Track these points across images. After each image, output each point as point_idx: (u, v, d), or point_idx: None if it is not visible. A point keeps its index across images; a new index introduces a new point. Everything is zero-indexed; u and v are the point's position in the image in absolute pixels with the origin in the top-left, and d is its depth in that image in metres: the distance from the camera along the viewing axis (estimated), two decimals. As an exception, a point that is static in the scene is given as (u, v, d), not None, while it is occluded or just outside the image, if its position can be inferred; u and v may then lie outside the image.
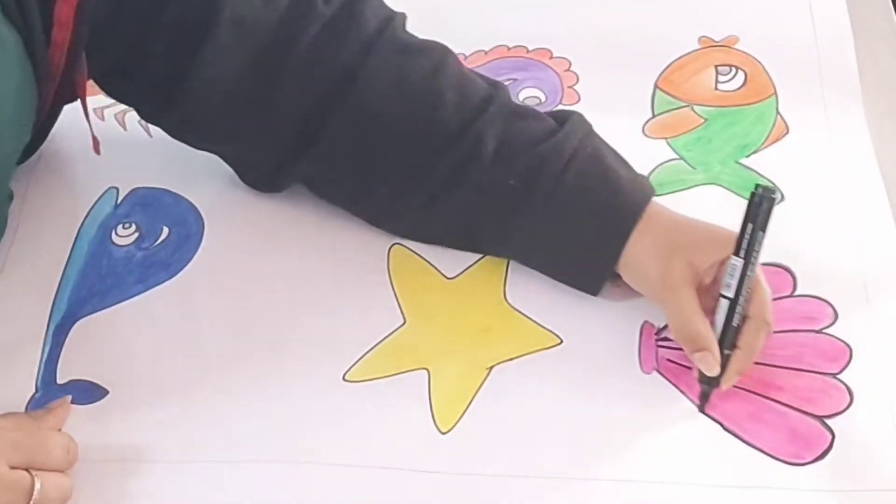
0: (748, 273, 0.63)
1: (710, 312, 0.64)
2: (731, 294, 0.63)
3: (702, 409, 0.64)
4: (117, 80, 0.69)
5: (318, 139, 0.68)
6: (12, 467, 0.57)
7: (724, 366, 0.63)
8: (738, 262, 0.63)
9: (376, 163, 0.69)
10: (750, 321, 0.64)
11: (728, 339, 0.64)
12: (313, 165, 0.70)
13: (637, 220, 0.66)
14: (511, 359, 0.66)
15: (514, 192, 0.67)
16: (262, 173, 0.72)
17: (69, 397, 0.64)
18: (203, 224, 0.73)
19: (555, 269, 0.69)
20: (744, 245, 0.63)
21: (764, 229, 0.63)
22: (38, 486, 0.57)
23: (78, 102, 0.68)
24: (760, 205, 0.63)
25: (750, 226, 0.63)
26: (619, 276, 0.68)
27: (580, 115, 0.70)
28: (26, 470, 0.57)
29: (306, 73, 0.67)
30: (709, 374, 0.63)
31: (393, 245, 0.72)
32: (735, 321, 0.63)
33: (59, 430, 0.62)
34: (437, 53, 0.70)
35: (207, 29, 0.66)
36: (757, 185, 0.64)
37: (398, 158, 0.68)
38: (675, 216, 0.68)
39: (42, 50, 0.63)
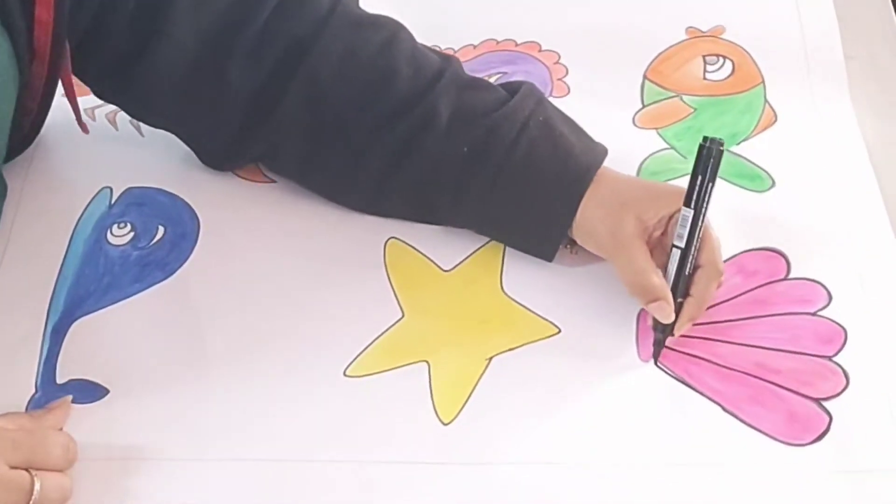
0: (699, 223, 0.65)
1: (661, 266, 0.66)
2: (682, 244, 0.65)
3: (656, 360, 0.66)
4: (80, 57, 0.69)
5: (272, 115, 0.69)
6: (12, 467, 0.57)
7: (676, 313, 0.65)
8: (688, 213, 0.65)
9: (329, 136, 0.69)
10: (702, 270, 0.66)
11: (681, 288, 0.66)
12: (268, 141, 0.71)
13: (587, 184, 0.67)
14: (510, 349, 0.66)
15: (467, 160, 0.68)
16: (218, 151, 0.73)
17: (69, 397, 0.63)
18: (198, 222, 0.73)
19: (510, 236, 0.71)
20: (694, 196, 0.65)
21: (713, 180, 0.65)
22: (37, 485, 0.57)
23: (66, 102, 0.68)
24: (709, 156, 0.65)
25: (699, 177, 0.65)
26: (574, 242, 0.69)
27: (531, 85, 0.71)
28: (26, 470, 0.57)
29: (258, 50, 0.68)
30: (664, 322, 0.65)
31: (389, 239, 0.72)
32: (687, 269, 0.65)
33: (60, 429, 0.62)
34: (389, 28, 0.71)
35: (168, 6, 0.67)
36: (704, 138, 0.65)
37: (351, 130, 0.69)
38: (625, 177, 0.69)
39: (25, 31, 0.63)
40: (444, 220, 0.72)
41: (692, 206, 0.65)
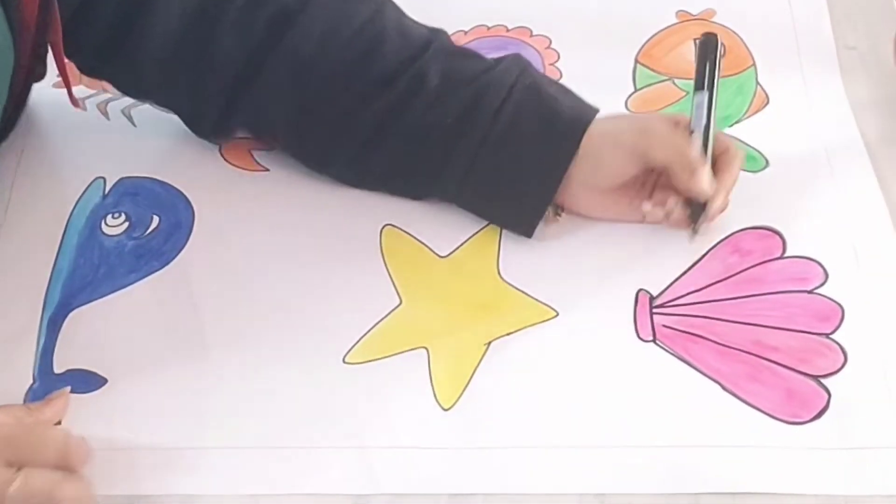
0: (714, 102, 0.69)
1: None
2: (702, 126, 0.69)
3: (693, 237, 0.69)
4: (69, 33, 0.68)
5: (258, 85, 0.70)
6: (6, 463, 0.56)
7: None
8: (702, 96, 0.70)
9: (315, 104, 0.70)
10: (726, 153, 0.69)
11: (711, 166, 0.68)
12: (255, 110, 0.71)
13: (579, 138, 0.68)
14: (508, 333, 0.66)
15: (454, 126, 0.68)
16: (206, 121, 0.73)
17: (68, 389, 0.63)
18: (193, 211, 0.73)
19: (495, 202, 0.70)
20: (706, 79, 0.70)
21: (718, 65, 0.71)
22: (15, 483, 0.55)
23: (57, 92, 0.67)
24: (711, 46, 0.71)
25: (706, 62, 0.71)
26: (559, 208, 0.70)
27: (517, 54, 0.71)
28: (17, 467, 0.55)
29: (244, 20, 0.69)
30: (709, 193, 0.67)
31: (385, 226, 0.72)
32: (710, 149, 0.68)
33: (59, 422, 0.61)
34: (376, 0, 0.71)
35: None
36: (695, 40, 0.70)
37: (338, 99, 0.69)
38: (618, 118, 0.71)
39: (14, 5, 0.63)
40: (429, 192, 0.72)
41: (705, 88, 0.70)
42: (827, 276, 0.68)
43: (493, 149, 0.68)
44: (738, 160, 0.69)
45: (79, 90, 0.76)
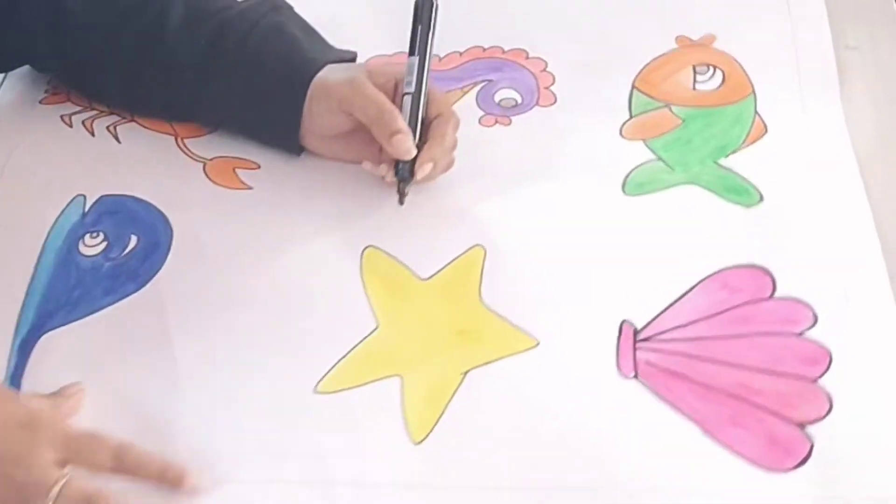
0: (425, 67, 0.71)
1: None
2: (412, 89, 0.70)
3: (401, 202, 0.71)
4: None
5: (13, 24, 0.74)
6: (57, 461, 0.57)
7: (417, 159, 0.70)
8: (414, 60, 0.71)
9: (69, 42, 0.74)
10: (440, 118, 0.71)
11: (415, 131, 0.70)
12: (17, 48, 0.76)
13: (316, 70, 0.71)
14: (487, 363, 0.65)
15: (204, 55, 0.72)
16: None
17: (81, 384, 0.63)
18: (171, 231, 0.72)
19: (252, 133, 0.75)
20: (417, 44, 0.72)
21: (432, 30, 0.72)
22: (56, 487, 0.56)
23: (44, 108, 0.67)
24: (424, 7, 0.72)
25: (419, 26, 0.72)
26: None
27: None
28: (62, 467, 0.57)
29: None
30: (406, 157, 0.69)
31: (366, 248, 0.71)
32: (420, 114, 0.71)
33: (77, 415, 0.62)
34: None
35: None
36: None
37: (90, 33, 0.73)
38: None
39: None
40: (191, 117, 0.76)
41: (416, 53, 0.71)
42: (816, 318, 0.67)
43: (243, 73, 0.72)
44: (450, 125, 0.71)
45: (66, 107, 0.75)
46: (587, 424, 0.62)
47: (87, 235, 0.72)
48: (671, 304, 0.68)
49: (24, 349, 0.66)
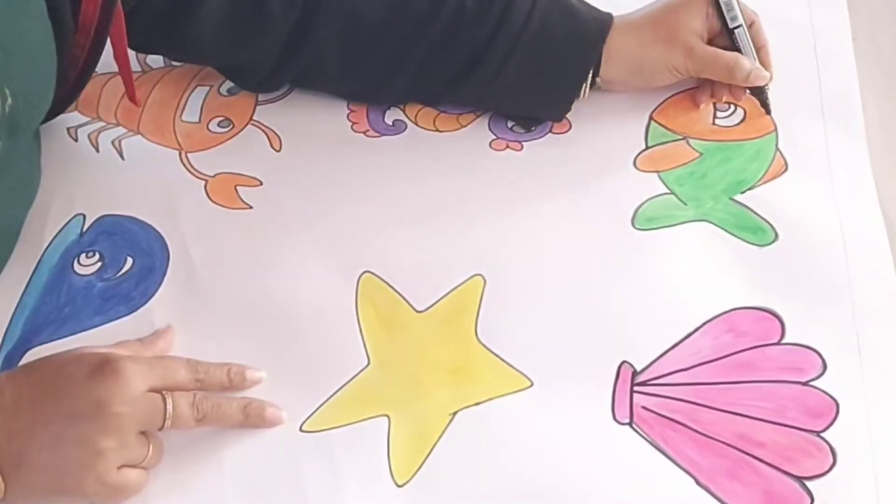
0: None
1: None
2: (739, 21, 0.75)
3: (768, 112, 0.77)
4: (128, 18, 0.70)
5: (307, 43, 0.74)
6: (149, 389, 0.59)
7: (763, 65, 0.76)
8: None
9: (365, 48, 0.74)
10: (752, 26, 0.76)
11: (754, 52, 0.76)
12: (305, 63, 0.76)
13: (605, 34, 0.75)
14: (477, 403, 0.63)
15: (487, 38, 0.73)
16: (258, 78, 0.78)
17: (171, 326, 0.66)
18: (168, 255, 0.71)
19: (524, 101, 0.77)
20: None
21: None
22: (170, 406, 0.59)
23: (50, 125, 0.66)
24: None
25: None
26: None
27: None
28: (158, 392, 0.59)
29: None
30: (766, 83, 0.76)
31: (363, 273, 0.70)
32: (750, 40, 0.76)
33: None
34: None
35: None
36: None
37: (386, 40, 0.74)
38: (637, 15, 0.76)
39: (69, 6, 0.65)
40: (463, 98, 0.78)
41: None
42: (825, 367, 0.64)
43: (526, 49, 0.74)
44: (762, 29, 0.76)
45: (72, 117, 0.75)
46: (577, 471, 0.61)
47: (83, 255, 0.71)
48: (673, 346, 0.66)
49: (8, 362, 0.66)
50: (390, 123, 0.79)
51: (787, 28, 0.82)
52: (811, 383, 0.64)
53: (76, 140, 0.77)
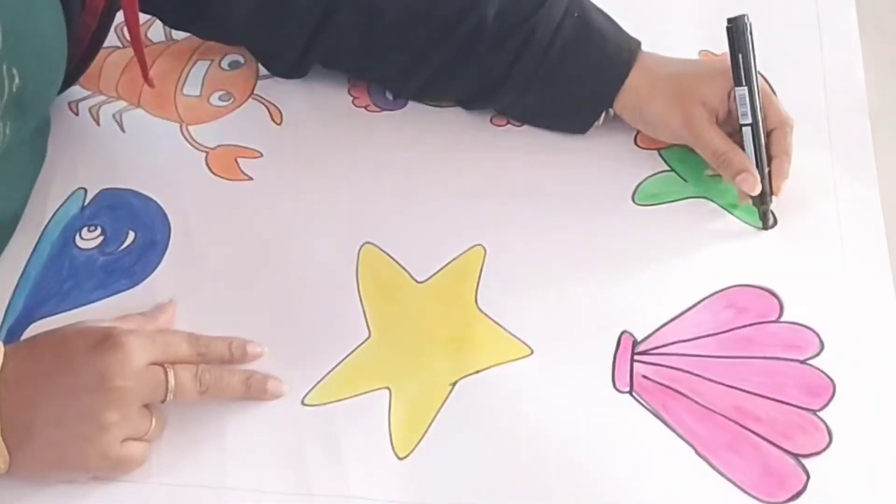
0: (756, 95, 0.70)
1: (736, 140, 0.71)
2: (749, 120, 0.70)
3: (765, 227, 0.71)
4: None
5: (330, 30, 0.74)
6: (150, 363, 0.59)
7: (771, 176, 0.70)
8: (743, 90, 0.70)
9: (382, 50, 0.75)
10: (776, 131, 0.71)
11: (761, 158, 0.70)
12: (327, 53, 0.76)
13: (624, 77, 0.72)
14: (477, 371, 0.64)
15: (509, 65, 0.73)
16: (285, 64, 0.78)
17: (172, 300, 0.66)
18: (169, 229, 0.71)
19: (544, 125, 0.76)
20: (742, 73, 0.70)
21: (752, 51, 0.70)
22: (171, 379, 0.59)
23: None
24: (741, 31, 0.70)
25: (739, 55, 0.70)
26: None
27: None
28: (160, 365, 0.60)
29: None
30: (753, 193, 0.70)
31: (364, 244, 0.70)
32: (762, 140, 0.70)
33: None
34: None
35: None
36: (728, 20, 0.70)
37: (405, 43, 0.74)
38: (664, 61, 0.74)
39: None
40: (481, 108, 0.77)
41: (744, 83, 0.70)
42: (822, 346, 0.65)
43: (545, 79, 0.73)
44: (789, 137, 0.71)
45: (73, 91, 0.75)
46: (577, 439, 0.61)
47: (85, 229, 0.71)
48: (674, 318, 0.66)
49: (11, 336, 0.66)
50: (391, 98, 0.79)
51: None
52: (808, 361, 0.64)
53: (77, 114, 0.77)
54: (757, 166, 0.69)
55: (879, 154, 0.74)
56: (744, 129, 0.70)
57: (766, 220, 0.70)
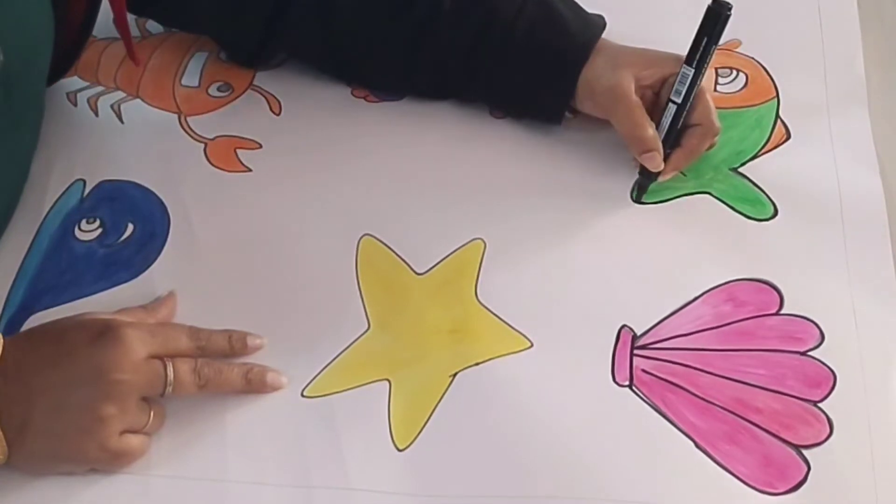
0: (697, 81, 0.69)
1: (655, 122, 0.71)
2: (679, 99, 0.69)
3: (637, 200, 0.71)
4: None
5: (287, 18, 0.74)
6: (149, 356, 0.59)
7: (666, 160, 0.71)
8: (689, 71, 0.68)
9: (340, 35, 0.75)
10: (698, 127, 0.71)
11: (671, 139, 0.70)
12: (288, 41, 0.77)
13: (583, 62, 0.72)
14: (476, 363, 0.64)
15: (472, 43, 0.73)
16: (247, 51, 0.79)
17: (174, 292, 0.66)
18: (169, 221, 0.71)
19: (515, 110, 0.76)
20: (697, 55, 0.68)
21: (717, 42, 0.68)
22: (170, 372, 0.59)
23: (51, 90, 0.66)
24: (717, 18, 0.68)
25: (704, 38, 0.68)
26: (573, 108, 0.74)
27: None
28: (160, 358, 0.60)
29: None
30: (654, 171, 0.70)
31: (363, 236, 0.70)
32: (679, 124, 0.70)
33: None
34: None
35: None
36: (712, 2, 0.68)
37: (361, 25, 0.74)
38: (621, 46, 0.73)
39: None
40: (460, 96, 0.77)
41: (693, 64, 0.68)
42: (823, 338, 0.65)
43: (511, 59, 0.72)
44: (707, 140, 0.71)
45: (72, 82, 0.75)
46: (577, 432, 0.61)
47: (84, 221, 0.71)
48: (673, 313, 0.66)
49: (10, 328, 0.66)
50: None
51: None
52: (809, 353, 0.64)
53: (75, 105, 0.77)
54: (663, 144, 0.70)
55: (880, 146, 0.74)
56: (670, 104, 0.69)
57: (640, 193, 0.71)
